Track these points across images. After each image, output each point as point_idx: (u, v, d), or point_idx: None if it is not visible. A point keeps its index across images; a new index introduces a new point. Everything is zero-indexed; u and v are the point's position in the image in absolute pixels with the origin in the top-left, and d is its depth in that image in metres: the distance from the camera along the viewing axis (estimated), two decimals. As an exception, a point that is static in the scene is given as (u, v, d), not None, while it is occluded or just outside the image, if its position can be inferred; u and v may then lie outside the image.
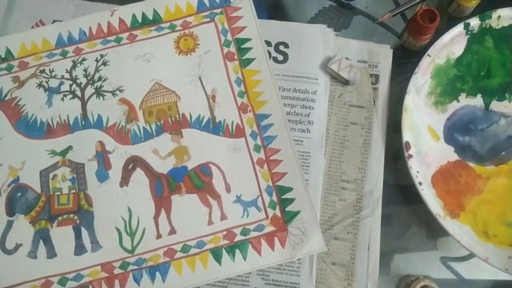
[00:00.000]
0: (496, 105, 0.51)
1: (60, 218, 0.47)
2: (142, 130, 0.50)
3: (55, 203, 0.48)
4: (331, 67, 0.50)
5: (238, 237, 0.46)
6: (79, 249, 0.46)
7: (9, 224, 0.47)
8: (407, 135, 0.48)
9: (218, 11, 0.53)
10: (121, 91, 0.51)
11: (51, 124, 0.50)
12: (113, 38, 0.53)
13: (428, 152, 0.49)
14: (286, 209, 0.47)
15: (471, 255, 0.47)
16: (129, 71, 0.51)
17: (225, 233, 0.46)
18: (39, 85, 0.51)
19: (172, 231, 0.46)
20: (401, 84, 0.50)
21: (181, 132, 0.49)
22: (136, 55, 0.52)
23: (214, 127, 0.50)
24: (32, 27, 0.54)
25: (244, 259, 0.45)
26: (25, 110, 0.50)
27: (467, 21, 0.50)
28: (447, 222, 0.46)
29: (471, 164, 0.49)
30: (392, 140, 0.50)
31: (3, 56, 0.52)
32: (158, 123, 0.50)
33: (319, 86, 0.51)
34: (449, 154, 0.49)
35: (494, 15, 0.50)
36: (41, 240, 0.46)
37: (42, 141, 0.50)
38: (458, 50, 0.51)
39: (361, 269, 0.46)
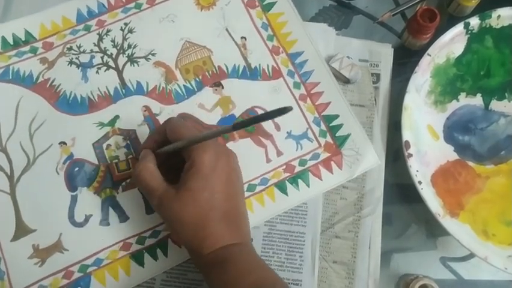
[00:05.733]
0: (495, 105, 0.51)
1: (124, 183, 0.48)
2: (183, 88, 0.51)
3: (115, 171, 0.48)
4: (332, 65, 0.51)
5: (298, 169, 0.49)
6: (150, 208, 0.47)
7: (74, 199, 0.48)
8: (406, 134, 0.48)
9: (229, -39, 0.54)
10: (153, 55, 0.52)
11: (92, 98, 0.50)
12: (132, 5, 0.54)
13: (428, 151, 0.49)
14: (336, 135, 0.50)
15: (471, 255, 0.47)
16: (156, 34, 0.52)
17: (284, 167, 0.49)
18: (71, 62, 0.51)
19: (235, 175, 0.48)
20: (401, 84, 0.51)
21: (221, 83, 0.51)
22: (160, 18, 0.53)
23: (251, 73, 0.52)
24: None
25: (308, 186, 0.48)
26: (62, 89, 0.51)
27: (467, 20, 0.50)
28: (446, 221, 0.46)
29: (470, 163, 0.49)
30: (392, 139, 0.50)
31: (23, 39, 0.52)
32: (197, 79, 0.51)
33: None
34: (449, 153, 0.49)
35: (494, 14, 0.50)
36: (110, 207, 0.47)
37: (87, 116, 0.50)
38: (458, 49, 0.51)
39: (362, 267, 0.47)
